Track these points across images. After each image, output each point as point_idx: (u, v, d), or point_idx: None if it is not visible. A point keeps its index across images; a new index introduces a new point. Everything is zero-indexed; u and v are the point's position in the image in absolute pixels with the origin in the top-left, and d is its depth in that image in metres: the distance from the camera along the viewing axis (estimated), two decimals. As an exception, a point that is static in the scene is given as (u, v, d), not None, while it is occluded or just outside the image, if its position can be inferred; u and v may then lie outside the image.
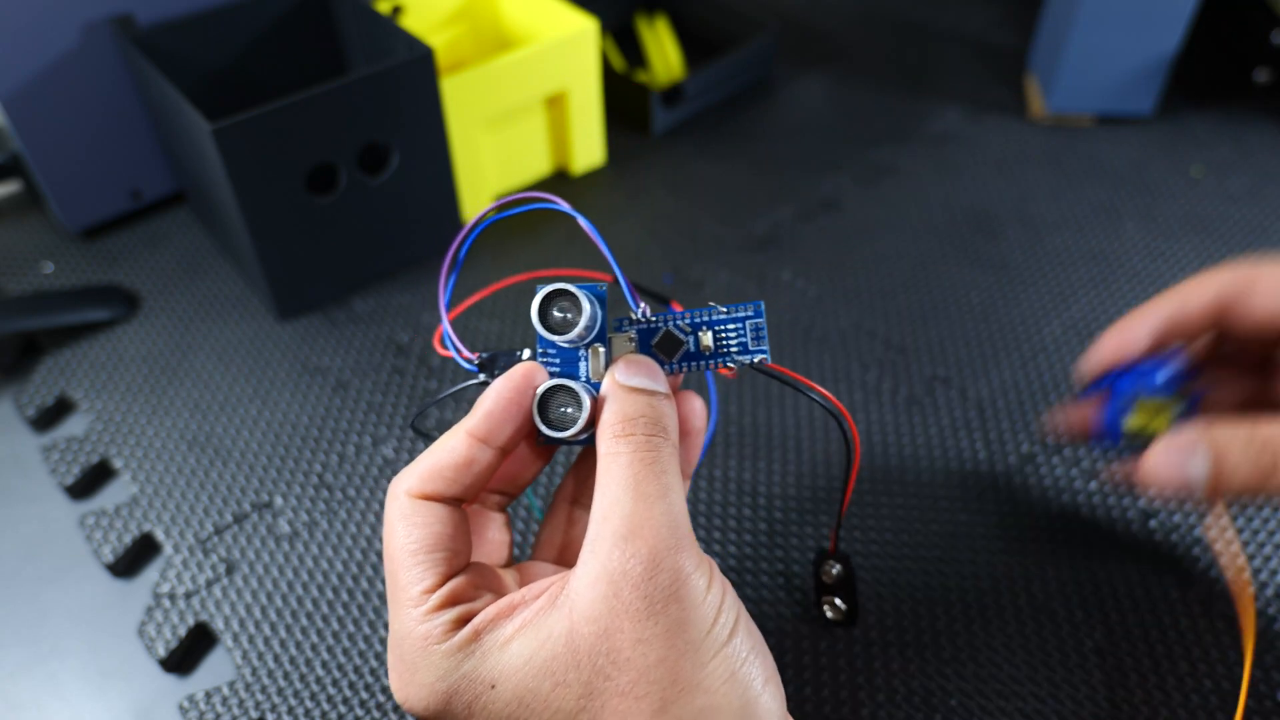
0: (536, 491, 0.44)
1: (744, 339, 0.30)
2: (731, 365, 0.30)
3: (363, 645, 0.39)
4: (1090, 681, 0.37)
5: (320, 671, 0.38)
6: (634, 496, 0.26)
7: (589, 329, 0.28)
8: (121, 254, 0.59)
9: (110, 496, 0.46)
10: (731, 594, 0.26)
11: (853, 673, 0.38)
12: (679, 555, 0.25)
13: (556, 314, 0.28)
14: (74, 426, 0.49)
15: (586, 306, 0.28)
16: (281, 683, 0.38)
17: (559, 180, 0.64)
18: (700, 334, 0.30)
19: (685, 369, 0.30)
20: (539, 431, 0.28)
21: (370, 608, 0.40)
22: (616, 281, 0.29)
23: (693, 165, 0.65)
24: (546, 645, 0.25)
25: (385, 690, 0.38)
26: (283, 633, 0.40)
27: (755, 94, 0.71)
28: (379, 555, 0.42)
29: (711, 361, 0.30)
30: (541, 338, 0.29)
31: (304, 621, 0.40)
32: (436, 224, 0.57)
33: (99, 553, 0.43)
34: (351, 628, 0.40)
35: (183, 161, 0.56)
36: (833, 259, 0.57)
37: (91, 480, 0.47)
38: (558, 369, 0.29)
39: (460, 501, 0.28)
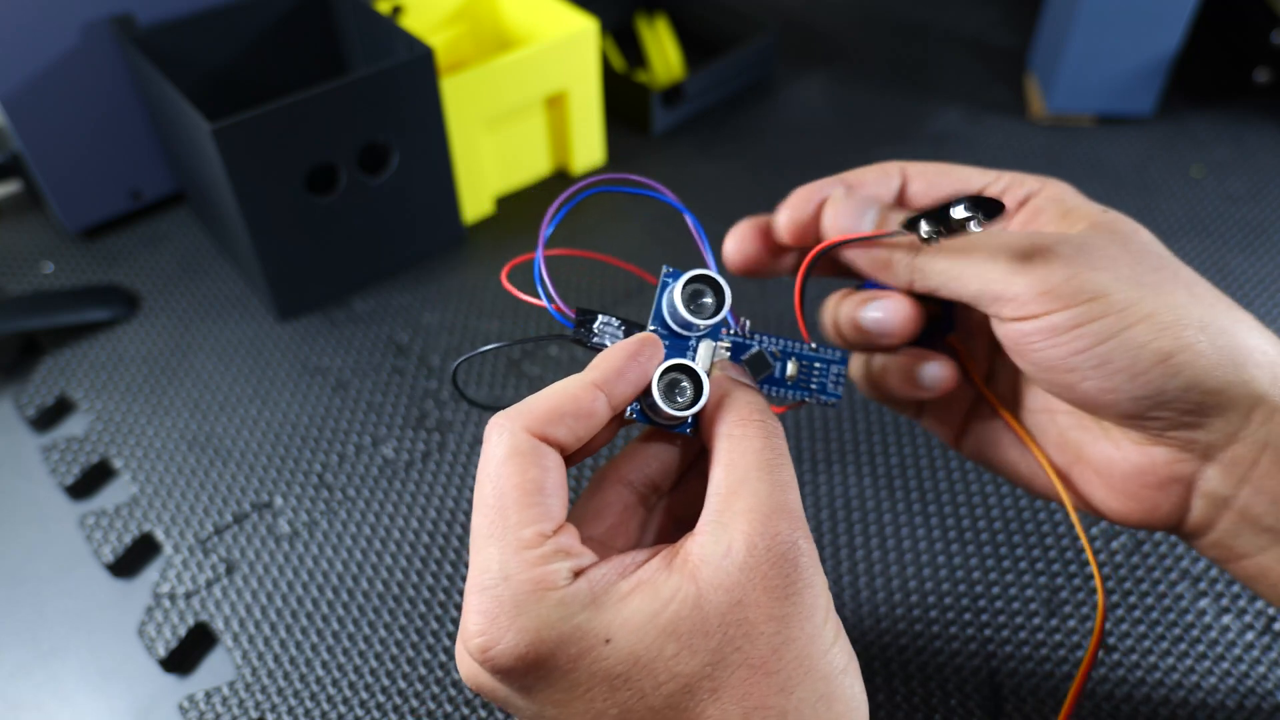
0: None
1: (824, 380, 0.31)
2: (820, 399, 0.31)
3: (362, 645, 0.39)
4: (1090, 681, 0.37)
5: (320, 671, 0.38)
6: (769, 480, 0.26)
7: (716, 325, 0.29)
8: (121, 254, 0.59)
9: (110, 496, 0.46)
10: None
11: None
12: (810, 545, 0.25)
13: (698, 298, 0.29)
14: (74, 426, 0.49)
15: (728, 298, 0.28)
16: (281, 683, 0.38)
17: (559, 180, 0.64)
18: (788, 362, 0.31)
19: (768, 392, 0.31)
20: (650, 404, 0.28)
21: (370, 608, 0.40)
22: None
23: (693, 165, 0.65)
24: (671, 606, 0.24)
25: (385, 690, 0.38)
26: (283, 633, 0.40)
27: (755, 94, 0.71)
28: (378, 555, 0.42)
29: (793, 393, 0.31)
30: (659, 316, 0.29)
31: (304, 621, 0.40)
32: (436, 224, 0.57)
33: (99, 553, 0.43)
34: (351, 628, 0.40)
35: (183, 161, 0.56)
36: (833, 259, 0.57)
37: (91, 480, 0.47)
38: (666, 351, 0.29)
39: (563, 452, 0.27)
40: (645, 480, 0.30)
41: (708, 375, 0.28)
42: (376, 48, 0.57)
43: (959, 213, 0.26)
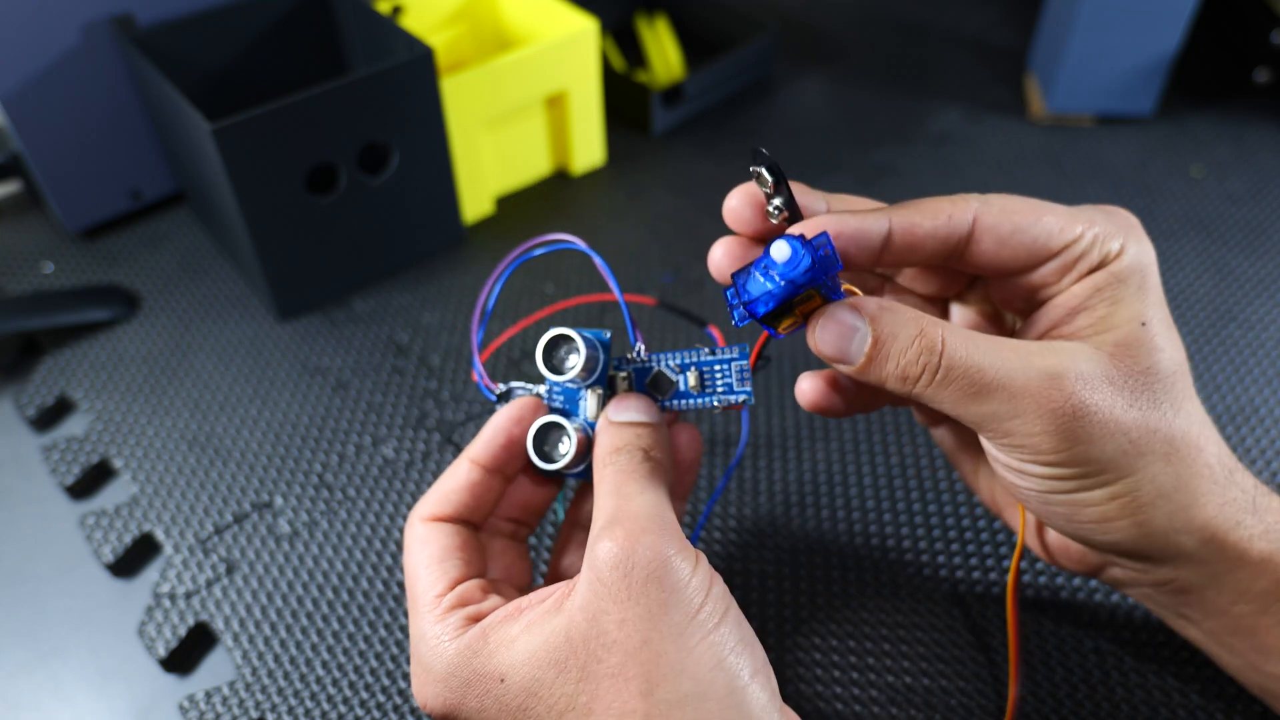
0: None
1: (729, 380, 0.32)
2: (730, 401, 0.32)
3: (363, 645, 0.39)
4: (1090, 680, 0.37)
5: (320, 671, 0.38)
6: (615, 498, 0.28)
7: (589, 371, 0.30)
8: (121, 254, 0.59)
9: (110, 496, 0.46)
10: (721, 585, 0.26)
11: (848, 669, 0.38)
12: (657, 538, 0.26)
13: (559, 356, 0.31)
14: (74, 426, 0.49)
15: (583, 351, 0.30)
16: (281, 683, 0.38)
17: (559, 180, 0.64)
18: (688, 374, 0.32)
19: (680, 406, 0.32)
20: (532, 463, 0.31)
21: (370, 608, 0.40)
22: (624, 315, 0.32)
23: (693, 165, 0.65)
24: (550, 639, 0.26)
25: (385, 690, 0.38)
26: (283, 633, 0.40)
27: (755, 94, 0.71)
28: (378, 555, 0.42)
29: (702, 400, 0.32)
30: (547, 378, 0.31)
31: (304, 621, 0.40)
32: (436, 224, 0.57)
33: (99, 553, 0.43)
34: (351, 628, 0.40)
35: (183, 161, 0.56)
36: (833, 259, 0.57)
37: (91, 480, 0.47)
38: (560, 406, 0.32)
39: (469, 523, 0.31)
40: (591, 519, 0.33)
41: (588, 424, 0.31)
42: (376, 48, 0.57)
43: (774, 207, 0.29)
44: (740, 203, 0.30)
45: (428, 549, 0.30)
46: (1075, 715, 0.36)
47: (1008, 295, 0.32)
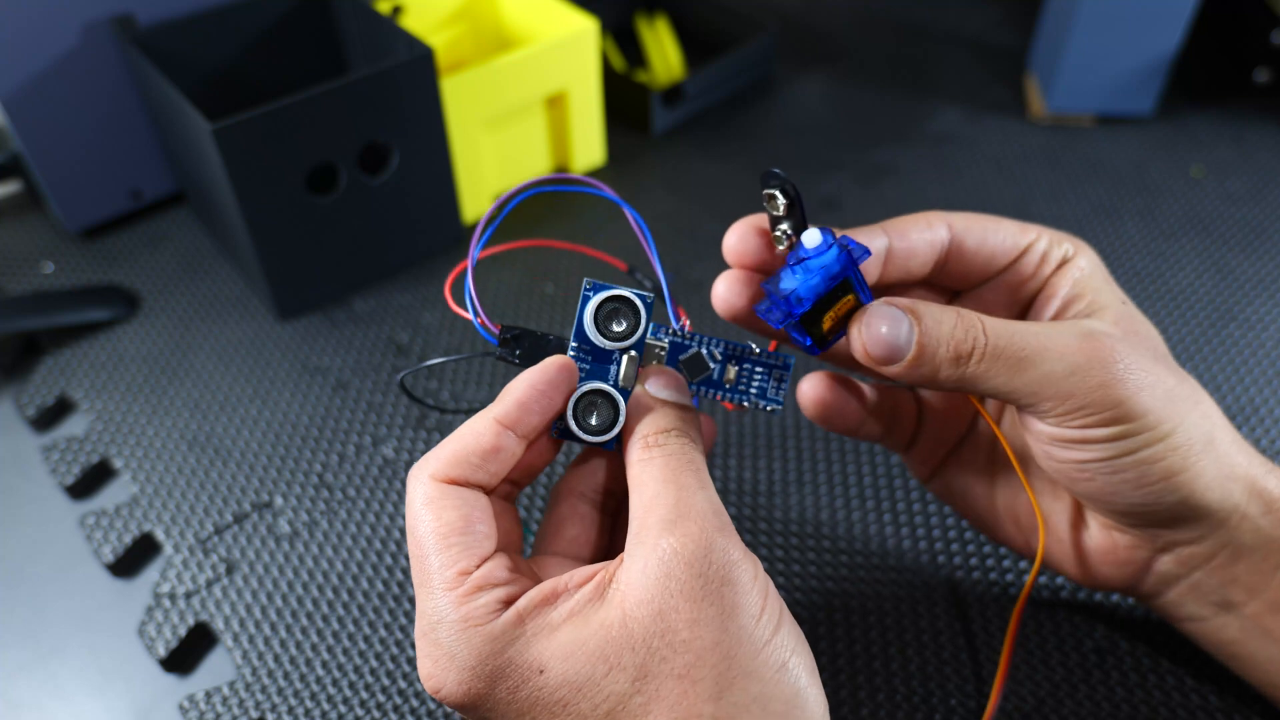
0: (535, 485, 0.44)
1: (765, 385, 0.31)
2: (759, 405, 0.31)
3: (363, 645, 0.39)
4: (1090, 680, 0.37)
5: (320, 671, 0.38)
6: (675, 488, 0.26)
7: (640, 339, 0.29)
8: (121, 254, 0.59)
9: (110, 496, 0.46)
10: (774, 588, 0.26)
11: (853, 672, 0.38)
12: (727, 540, 0.25)
13: (612, 319, 0.29)
14: (74, 426, 0.49)
15: (643, 318, 0.28)
16: (281, 683, 0.38)
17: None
18: (728, 365, 0.30)
19: (702, 392, 0.31)
20: (565, 428, 0.29)
21: (370, 608, 0.40)
22: (660, 288, 0.30)
23: (693, 165, 0.65)
24: (599, 631, 0.24)
25: (385, 690, 0.38)
26: (283, 633, 0.40)
27: (755, 94, 0.71)
28: (378, 555, 0.42)
29: (726, 394, 0.31)
30: (582, 334, 0.29)
31: (304, 621, 0.40)
32: (436, 224, 0.57)
33: (99, 553, 0.43)
34: (351, 628, 0.40)
35: (183, 162, 0.56)
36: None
37: (91, 480, 0.47)
38: (588, 367, 0.30)
39: (484, 488, 0.28)
40: (596, 488, 0.31)
41: (625, 393, 0.29)
42: (376, 48, 0.57)
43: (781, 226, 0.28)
44: (740, 239, 0.30)
45: (444, 516, 0.26)
46: (1075, 715, 0.36)
47: (994, 307, 0.33)
